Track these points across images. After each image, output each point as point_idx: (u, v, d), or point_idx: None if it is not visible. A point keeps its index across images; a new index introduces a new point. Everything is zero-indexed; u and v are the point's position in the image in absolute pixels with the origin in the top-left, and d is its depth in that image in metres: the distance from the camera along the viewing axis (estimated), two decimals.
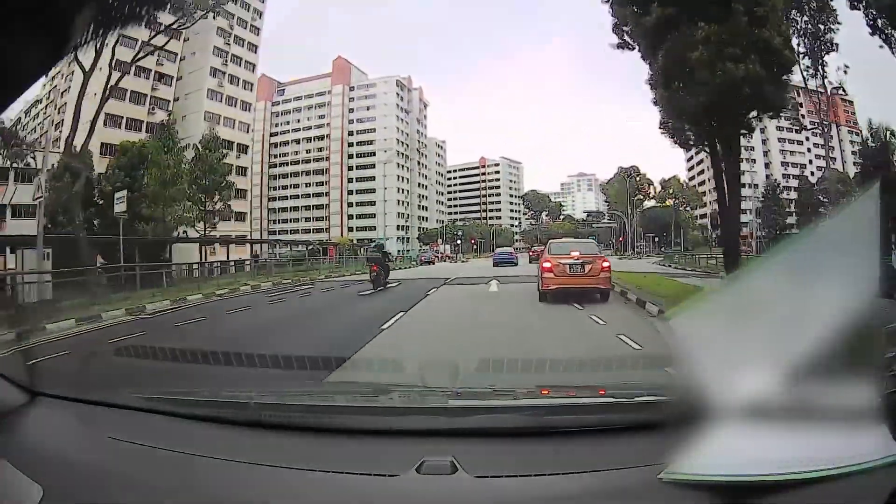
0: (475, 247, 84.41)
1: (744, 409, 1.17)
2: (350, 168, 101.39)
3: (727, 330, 1.26)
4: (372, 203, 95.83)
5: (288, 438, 1.45)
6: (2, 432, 1.37)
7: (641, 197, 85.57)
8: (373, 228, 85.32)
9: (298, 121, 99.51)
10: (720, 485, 1.13)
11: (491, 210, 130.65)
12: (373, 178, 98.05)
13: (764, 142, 76.80)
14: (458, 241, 71.77)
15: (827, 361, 1.16)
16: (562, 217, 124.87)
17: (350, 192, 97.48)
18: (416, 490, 1.24)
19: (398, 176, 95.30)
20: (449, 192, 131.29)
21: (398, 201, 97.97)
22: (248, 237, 48.17)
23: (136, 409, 1.65)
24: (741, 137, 14.66)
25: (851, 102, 78.66)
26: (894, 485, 1.12)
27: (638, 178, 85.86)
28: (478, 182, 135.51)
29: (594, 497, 1.20)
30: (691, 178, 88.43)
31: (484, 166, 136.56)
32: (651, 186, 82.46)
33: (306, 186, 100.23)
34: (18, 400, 1.52)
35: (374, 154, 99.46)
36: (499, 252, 38.07)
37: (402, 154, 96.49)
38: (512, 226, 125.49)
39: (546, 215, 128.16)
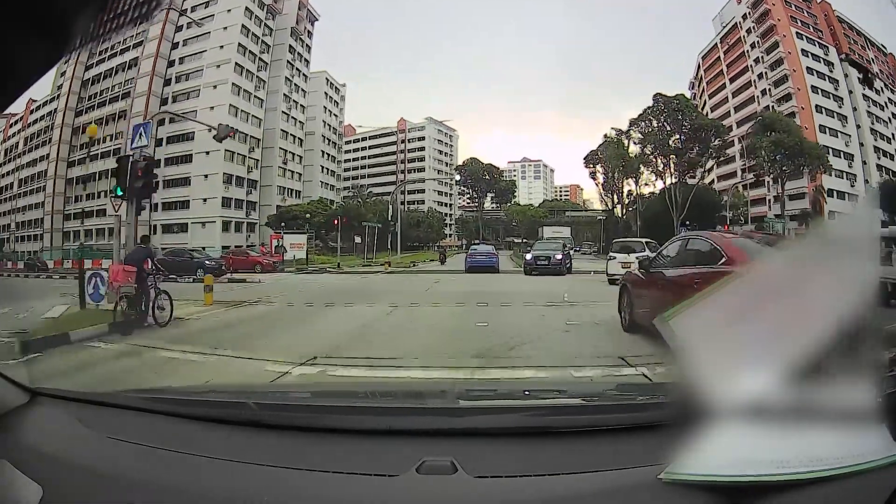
0: (365, 243, 48.93)
1: (744, 409, 1.24)
2: (164, 101, 62.36)
3: (727, 330, 1.32)
4: (188, 158, 60.01)
5: (288, 438, 1.56)
6: (2, 432, 1.49)
7: (697, 157, 39.19)
8: (185, 206, 57.54)
9: None
10: (720, 485, 1.19)
11: (412, 191, 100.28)
12: (194, 112, 55.99)
13: None
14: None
15: (827, 361, 1.22)
16: (510, 202, 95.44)
17: (159, 143, 58.05)
18: (415, 490, 1.31)
19: (232, 108, 43.72)
20: (356, 167, 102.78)
21: (233, 156, 62.38)
22: None
23: (136, 409, 1.75)
24: None
25: None
26: (894, 485, 1.19)
27: (694, 116, 36.07)
28: (395, 153, 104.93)
29: (594, 497, 1.27)
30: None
31: (403, 131, 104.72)
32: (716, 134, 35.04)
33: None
34: (18, 400, 1.63)
35: (200, 72, 62.22)
36: (475, 252, 32.64)
37: (250, 74, 45.50)
38: (443, 213, 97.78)
39: (492, 198, 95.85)
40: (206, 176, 57.35)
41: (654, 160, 51.56)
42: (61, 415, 1.68)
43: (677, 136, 50.11)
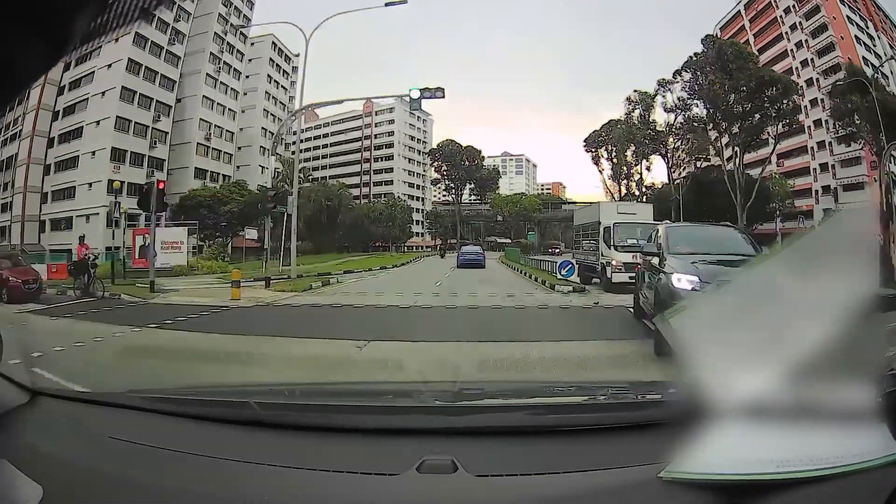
0: (265, 240, 30.23)
1: (744, 408, 1.31)
2: (66, 66, 48.23)
3: (728, 329, 1.38)
4: (78, 133, 48.13)
5: (288, 438, 1.63)
6: (2, 432, 1.55)
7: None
8: (72, 195, 46.38)
9: None
10: (720, 483, 1.26)
11: (378, 183, 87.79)
12: (90, 76, 48.63)
13: None
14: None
15: (827, 361, 1.28)
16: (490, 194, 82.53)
17: (55, 117, 49.25)
18: (416, 489, 1.38)
19: (133, 63, 25.35)
20: (319, 157, 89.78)
21: (129, 125, 49.17)
22: None
23: (137, 408, 1.82)
24: None
25: None
26: (894, 485, 1.26)
27: (754, 69, 19.96)
28: (359, 139, 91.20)
29: (594, 496, 1.34)
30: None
31: (370, 114, 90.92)
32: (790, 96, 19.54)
33: None
34: (18, 400, 1.69)
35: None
36: (466, 252, 36.99)
37: (164, 25, 28.45)
38: (415, 208, 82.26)
39: (471, 190, 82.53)
40: (93, 153, 45.96)
41: (702, 127, 39.71)
42: (61, 415, 1.75)
43: (734, 95, 38.22)
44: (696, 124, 41.69)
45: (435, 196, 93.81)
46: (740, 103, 40.79)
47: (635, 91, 54.62)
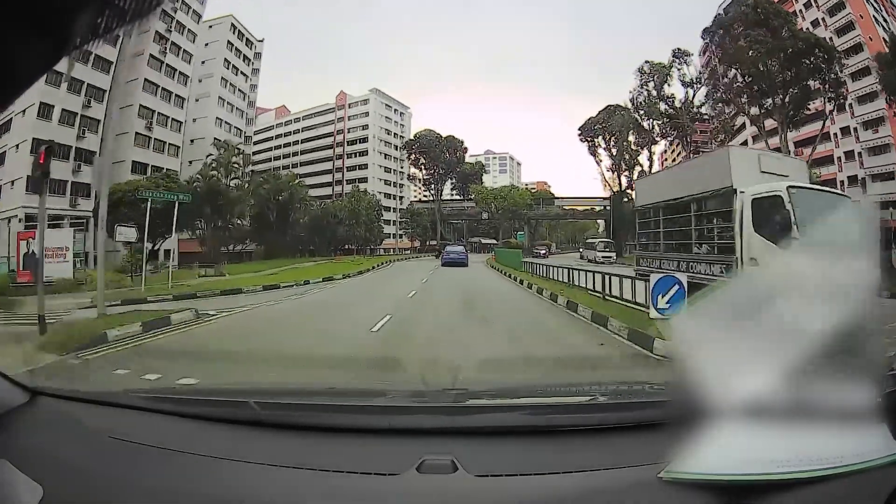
0: (142, 238, 21.25)
1: (744, 408, 1.34)
2: None
3: (727, 330, 1.40)
4: (7, 126, 40.38)
5: (288, 438, 1.67)
6: (2, 432, 1.59)
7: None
8: None
9: None
10: (720, 484, 1.30)
11: (352, 181, 79.91)
12: None
13: None
14: None
15: (827, 361, 1.32)
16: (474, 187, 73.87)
17: None
18: (416, 489, 1.43)
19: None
20: (290, 153, 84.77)
21: (52, 111, 41.56)
22: None
23: (137, 408, 1.86)
24: None
25: None
26: (894, 484, 1.30)
27: (792, 33, 11.72)
28: (332, 133, 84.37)
29: (594, 495, 1.38)
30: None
31: (343, 106, 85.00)
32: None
33: None
34: (18, 400, 1.73)
35: None
36: (450, 252, 40.35)
37: None
38: (386, 207, 75.95)
39: (452, 185, 76.61)
40: (17, 147, 38.52)
41: (736, 96, 34.47)
42: (61, 415, 1.78)
43: (774, 60, 32.97)
44: (730, 95, 36.85)
45: (414, 195, 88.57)
46: (782, 70, 35.75)
47: (647, 62, 50.56)
